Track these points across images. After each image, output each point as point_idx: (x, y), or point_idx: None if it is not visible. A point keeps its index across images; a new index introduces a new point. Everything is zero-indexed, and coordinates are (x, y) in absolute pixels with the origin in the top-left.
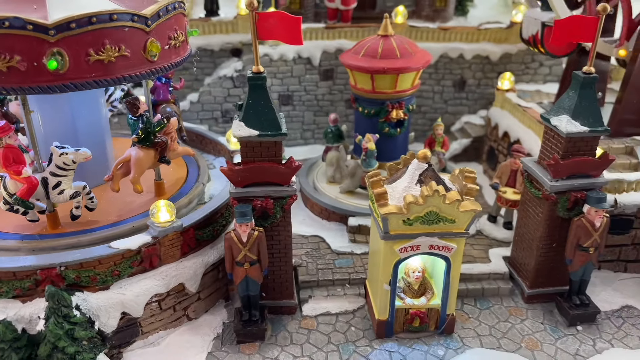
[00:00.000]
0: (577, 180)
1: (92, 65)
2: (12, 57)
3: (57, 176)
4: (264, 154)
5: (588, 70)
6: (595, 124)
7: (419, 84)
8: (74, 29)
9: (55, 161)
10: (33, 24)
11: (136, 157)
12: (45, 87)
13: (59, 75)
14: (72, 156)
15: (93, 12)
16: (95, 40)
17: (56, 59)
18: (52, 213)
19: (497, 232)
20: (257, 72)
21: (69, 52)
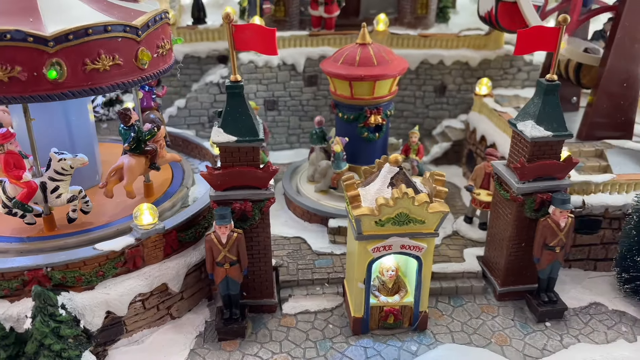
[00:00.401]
0: (542, 183)
1: (89, 74)
2: (14, 67)
3: (56, 181)
4: (242, 158)
5: (551, 78)
6: (558, 129)
7: (396, 90)
8: (71, 40)
9: (54, 166)
10: (33, 36)
11: (129, 165)
12: (45, 95)
13: (58, 84)
14: (70, 162)
15: (89, 24)
16: (91, 50)
17: (55, 69)
18: (48, 216)
19: (472, 233)
20: (234, 80)
21: (67, 62)
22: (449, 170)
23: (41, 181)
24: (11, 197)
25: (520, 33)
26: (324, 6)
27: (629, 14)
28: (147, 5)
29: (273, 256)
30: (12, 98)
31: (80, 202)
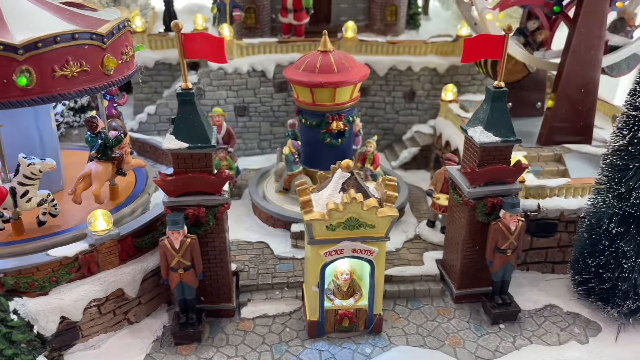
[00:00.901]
0: (493, 187)
1: (57, 80)
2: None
3: (25, 185)
4: (195, 164)
5: (498, 85)
6: (507, 135)
7: (358, 97)
8: (40, 48)
9: (23, 171)
10: (3, 44)
11: (96, 171)
12: (14, 102)
13: (27, 91)
14: (39, 166)
15: (57, 32)
16: (60, 57)
17: (25, 76)
18: (17, 221)
19: (434, 236)
20: (185, 88)
21: (36, 69)
22: (418, 174)
23: (10, 186)
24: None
25: (467, 41)
26: (293, 14)
27: (584, 22)
28: (108, 14)
29: (235, 261)
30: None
31: (49, 205)
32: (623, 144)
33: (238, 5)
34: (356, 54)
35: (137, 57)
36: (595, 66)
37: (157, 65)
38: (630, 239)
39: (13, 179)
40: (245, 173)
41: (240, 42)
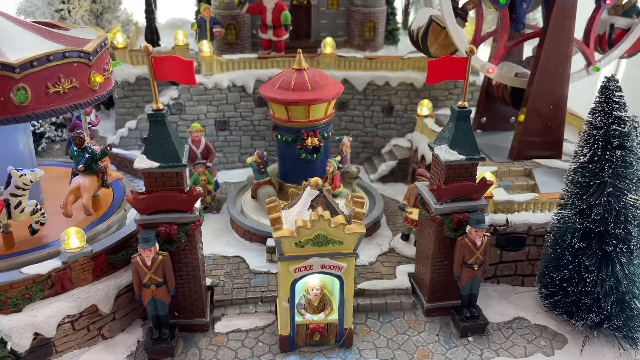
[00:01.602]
0: (459, 203)
1: (50, 97)
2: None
3: (17, 196)
4: (167, 183)
5: (462, 105)
6: (471, 153)
7: (333, 113)
8: (35, 66)
9: (16, 183)
10: (1, 64)
11: (84, 184)
12: (11, 118)
13: (23, 107)
14: (30, 176)
15: (50, 51)
16: (52, 75)
17: (22, 93)
18: (8, 234)
19: (407, 250)
20: (156, 109)
21: (31, 87)
22: (396, 187)
23: (4, 199)
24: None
25: (430, 63)
26: (272, 30)
27: (551, 39)
28: (82, 33)
29: (211, 275)
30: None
31: (39, 214)
32: (584, 162)
33: (218, 22)
34: (335, 70)
35: (120, 73)
36: (564, 82)
37: (139, 80)
38: (592, 254)
39: (4, 191)
40: (226, 187)
41: (220, 58)
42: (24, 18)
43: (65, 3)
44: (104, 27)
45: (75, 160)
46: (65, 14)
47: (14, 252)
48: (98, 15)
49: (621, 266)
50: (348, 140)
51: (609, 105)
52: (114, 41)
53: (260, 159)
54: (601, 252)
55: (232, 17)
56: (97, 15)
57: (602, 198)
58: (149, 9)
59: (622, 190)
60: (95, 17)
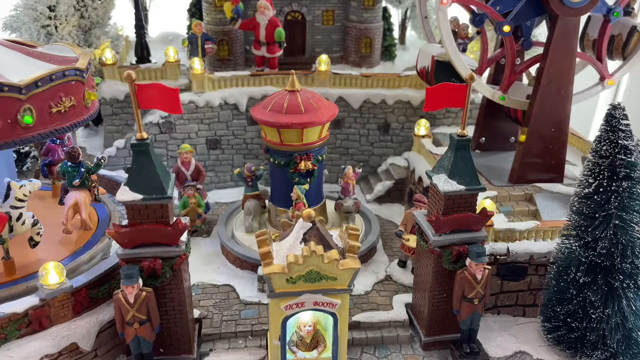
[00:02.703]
0: (458, 235)
1: (53, 117)
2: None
3: (18, 208)
4: (151, 215)
5: (461, 133)
6: (471, 183)
7: (327, 136)
8: (40, 86)
9: (16, 194)
10: (8, 85)
11: (82, 199)
12: (18, 140)
13: (29, 128)
14: (29, 187)
15: (52, 70)
16: (54, 94)
17: (28, 114)
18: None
19: (404, 277)
20: (140, 138)
21: (36, 107)
22: (392, 208)
23: (5, 212)
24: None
25: (429, 90)
26: (266, 46)
27: (552, 62)
28: (56, 49)
29: (199, 306)
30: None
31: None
32: (589, 192)
33: (210, 38)
34: (330, 87)
35: (109, 90)
36: (566, 103)
37: (128, 97)
38: (598, 289)
39: (3, 204)
40: (217, 207)
41: (211, 76)
42: (9, 34)
43: (52, 19)
44: (92, 43)
45: (69, 176)
46: (52, 30)
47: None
48: (86, 30)
49: (628, 302)
50: (352, 171)
51: (615, 134)
52: (102, 57)
53: (248, 172)
54: (607, 287)
55: (224, 33)
56: (85, 31)
57: (608, 231)
58: (139, 24)
59: (628, 223)
60: (84, 32)
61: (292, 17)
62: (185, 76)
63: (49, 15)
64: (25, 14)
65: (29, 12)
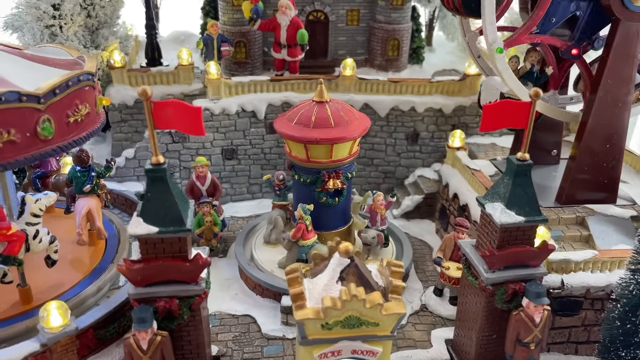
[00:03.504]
0: (514, 271)
1: (70, 127)
2: (9, 131)
3: (34, 225)
4: (167, 250)
5: (522, 157)
6: (531, 213)
7: (357, 151)
8: (57, 94)
9: (32, 210)
10: (27, 95)
11: (95, 206)
12: (38, 155)
13: (48, 141)
14: (45, 201)
15: (68, 76)
16: (71, 102)
17: (48, 125)
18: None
19: (442, 308)
20: (156, 163)
21: (55, 117)
22: (421, 224)
23: (21, 229)
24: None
25: (487, 108)
26: (287, 49)
27: (611, 71)
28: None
29: (217, 341)
30: (8, 164)
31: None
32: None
33: (227, 40)
34: (355, 93)
35: (117, 95)
36: (624, 117)
37: (138, 102)
38: None
39: (18, 221)
40: (233, 222)
41: (228, 81)
42: (11, 33)
43: (56, 18)
44: (100, 44)
45: (78, 181)
46: (57, 30)
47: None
48: (93, 30)
49: None
50: (382, 199)
51: None
52: (110, 60)
53: (277, 180)
54: None
55: (241, 34)
56: (93, 31)
57: None
58: (150, 24)
59: None
60: (90, 32)
61: (314, 17)
62: (200, 80)
63: (53, 15)
64: (28, 12)
65: (32, 10)
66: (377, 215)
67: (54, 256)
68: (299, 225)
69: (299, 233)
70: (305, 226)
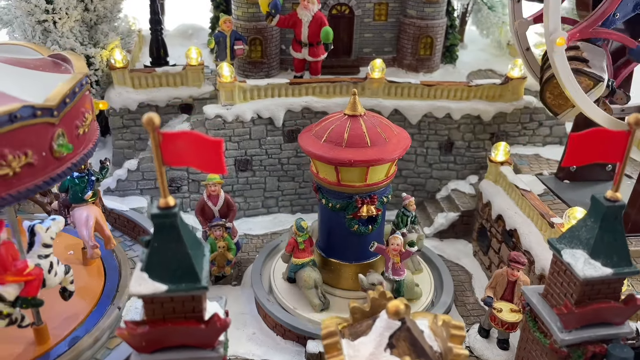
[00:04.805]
0: (594, 330)
1: (80, 139)
2: (26, 153)
3: (47, 257)
4: (178, 309)
5: (614, 197)
6: (620, 264)
7: (395, 172)
8: (68, 104)
9: (43, 240)
10: (42, 108)
11: (99, 214)
12: (55, 176)
13: (61, 159)
14: (55, 228)
15: (74, 81)
16: (77, 111)
17: (63, 141)
18: (40, 327)
19: (490, 353)
20: (164, 206)
21: (67, 131)
22: (457, 246)
23: (35, 264)
24: (12, 300)
25: (574, 139)
26: (308, 48)
27: None
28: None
29: None
30: (27, 191)
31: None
32: None
33: (241, 37)
34: (383, 98)
35: (119, 99)
36: None
37: (142, 107)
38: None
39: (28, 254)
40: (247, 241)
41: (243, 85)
42: (0, 28)
43: (49, 13)
44: (99, 41)
45: (76, 189)
46: (50, 26)
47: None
48: (91, 26)
49: None
50: (399, 244)
51: None
52: (111, 59)
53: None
54: None
55: (257, 31)
56: (91, 27)
57: None
58: (155, 18)
59: None
60: (88, 28)
61: (337, 11)
62: (210, 82)
63: (46, 9)
64: (18, 6)
65: (22, 4)
66: (389, 261)
67: (71, 287)
68: (290, 240)
69: (290, 248)
70: (297, 243)
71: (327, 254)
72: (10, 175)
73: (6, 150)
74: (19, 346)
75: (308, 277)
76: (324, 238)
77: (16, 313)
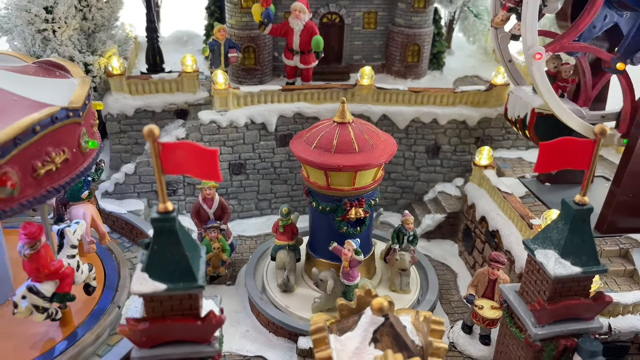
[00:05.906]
0: (566, 325)
1: (94, 136)
2: (64, 150)
3: (74, 257)
4: (176, 307)
5: (582, 201)
6: (589, 263)
7: (382, 176)
8: (87, 105)
9: (71, 241)
10: (72, 109)
11: (94, 212)
12: (83, 169)
13: (86, 155)
14: (79, 231)
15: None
16: (91, 111)
17: (87, 138)
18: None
19: (472, 348)
20: (164, 211)
21: (87, 130)
22: (444, 246)
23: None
24: (49, 296)
25: (544, 147)
26: (299, 56)
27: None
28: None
29: None
30: (66, 183)
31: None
32: None
33: (235, 45)
34: (372, 104)
35: (116, 104)
36: None
37: (138, 112)
38: None
39: (58, 255)
40: (241, 242)
41: (236, 91)
42: (0, 36)
43: (49, 22)
44: (97, 48)
45: (74, 188)
46: (50, 35)
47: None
48: (90, 34)
49: None
50: (346, 250)
51: None
52: (108, 66)
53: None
54: None
55: (250, 39)
56: (89, 35)
57: None
58: (152, 27)
59: None
60: (86, 36)
61: (328, 19)
62: (205, 88)
63: (46, 18)
64: (18, 16)
65: (22, 14)
66: (344, 268)
67: (94, 283)
68: (276, 222)
69: (274, 228)
70: (278, 226)
71: (316, 253)
72: (53, 171)
73: (50, 149)
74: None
75: (279, 258)
76: (313, 238)
77: (52, 308)
